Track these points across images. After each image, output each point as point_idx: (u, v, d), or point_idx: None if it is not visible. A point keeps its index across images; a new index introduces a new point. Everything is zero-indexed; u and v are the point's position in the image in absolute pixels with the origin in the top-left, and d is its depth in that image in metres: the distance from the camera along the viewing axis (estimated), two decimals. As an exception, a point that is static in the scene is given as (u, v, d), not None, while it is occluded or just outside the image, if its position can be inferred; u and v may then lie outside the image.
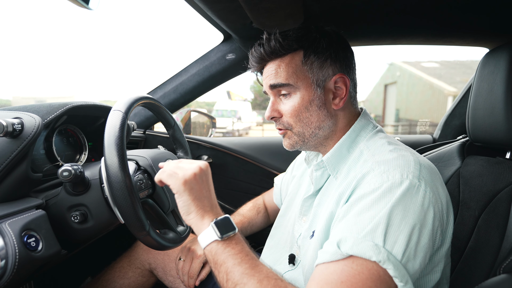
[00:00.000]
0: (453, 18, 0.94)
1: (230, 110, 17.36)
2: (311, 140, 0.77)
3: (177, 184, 0.64)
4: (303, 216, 0.83)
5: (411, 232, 0.55)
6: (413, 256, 0.55)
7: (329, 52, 0.73)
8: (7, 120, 0.66)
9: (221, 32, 1.26)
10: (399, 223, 0.55)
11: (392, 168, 0.61)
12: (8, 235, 0.59)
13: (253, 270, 0.59)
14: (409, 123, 15.87)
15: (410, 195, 0.57)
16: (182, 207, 0.65)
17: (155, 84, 1.44)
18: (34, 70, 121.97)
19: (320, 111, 0.74)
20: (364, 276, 0.52)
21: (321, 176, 0.78)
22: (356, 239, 0.55)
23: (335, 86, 0.74)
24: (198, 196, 0.65)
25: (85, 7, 0.63)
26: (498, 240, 0.73)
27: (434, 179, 0.63)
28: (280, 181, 1.13)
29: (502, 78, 0.80)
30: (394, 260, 0.53)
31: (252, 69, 0.82)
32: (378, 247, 0.53)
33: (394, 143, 0.71)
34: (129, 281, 1.09)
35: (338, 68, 0.74)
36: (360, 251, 0.54)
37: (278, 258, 0.88)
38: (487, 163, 0.86)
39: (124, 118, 0.68)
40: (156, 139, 1.49)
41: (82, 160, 1.05)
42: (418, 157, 0.66)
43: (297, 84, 0.73)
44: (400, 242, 0.54)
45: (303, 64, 0.73)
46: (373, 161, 0.66)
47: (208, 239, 0.63)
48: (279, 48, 0.73)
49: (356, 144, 0.75)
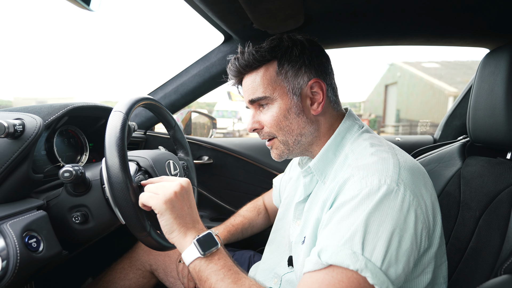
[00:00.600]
0: (454, 19, 0.94)
1: (231, 111, 17.35)
2: (296, 147, 0.78)
3: (158, 204, 0.65)
4: (296, 220, 0.83)
5: (390, 237, 0.55)
6: (394, 261, 0.55)
7: (303, 59, 0.74)
8: (8, 121, 0.66)
9: (222, 33, 1.26)
10: (376, 229, 0.55)
11: (370, 173, 0.61)
12: (9, 236, 0.59)
13: (235, 284, 0.60)
14: (409, 124, 15.86)
15: (387, 200, 0.57)
16: (164, 226, 0.66)
17: (155, 85, 1.45)
18: (35, 71, 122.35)
19: (299, 118, 0.75)
20: (344, 284, 0.53)
21: (310, 182, 0.79)
22: (335, 248, 0.55)
23: (311, 92, 0.75)
24: (179, 214, 0.66)
25: (86, 8, 0.64)
26: (499, 241, 0.73)
27: (416, 181, 0.62)
28: (279, 182, 1.14)
29: (502, 79, 0.80)
30: (372, 268, 0.53)
31: (232, 82, 0.83)
32: (356, 255, 0.53)
33: (376, 144, 0.70)
34: (130, 282, 1.09)
35: (313, 74, 0.75)
36: (339, 260, 0.54)
37: (279, 261, 0.88)
38: (488, 163, 0.86)
39: (125, 119, 0.69)
40: (156, 140, 1.49)
41: (83, 161, 1.05)
42: (400, 159, 0.65)
43: (274, 95, 0.74)
44: (378, 248, 0.54)
45: (278, 74, 0.74)
46: (353, 166, 0.66)
47: (191, 257, 0.64)
48: (253, 60, 0.74)
49: (342, 147, 0.75)
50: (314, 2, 0.84)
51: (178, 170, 0.92)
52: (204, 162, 1.52)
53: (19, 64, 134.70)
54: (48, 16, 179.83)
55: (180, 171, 0.93)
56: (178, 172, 0.91)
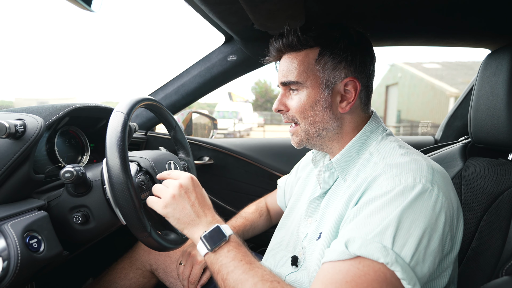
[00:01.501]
0: (455, 20, 0.94)
1: (232, 111, 17.37)
2: (315, 139, 0.77)
3: (160, 209, 0.70)
4: (308, 217, 0.82)
5: (421, 235, 0.55)
6: (422, 260, 0.55)
7: (346, 54, 0.72)
8: (9, 122, 0.66)
9: (223, 34, 1.26)
10: (409, 226, 0.55)
11: (405, 171, 0.61)
12: (10, 236, 0.59)
13: (247, 274, 0.61)
14: (410, 124, 15.83)
15: (422, 199, 0.57)
16: (175, 226, 0.71)
17: (156, 86, 1.44)
18: (36, 72, 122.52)
19: (325, 112, 0.74)
20: (370, 277, 0.52)
21: (330, 178, 0.78)
22: (364, 240, 0.55)
23: (344, 89, 0.73)
24: (182, 214, 0.69)
25: (87, 9, 0.64)
26: (500, 242, 0.73)
27: (446, 184, 0.62)
28: (284, 183, 1.13)
29: (504, 79, 0.80)
30: (402, 263, 0.53)
31: (271, 58, 0.81)
32: (386, 249, 0.53)
33: (405, 147, 0.71)
34: (130, 282, 1.09)
35: (351, 72, 0.73)
36: (368, 252, 0.54)
37: (280, 259, 0.88)
38: (489, 164, 0.86)
39: (126, 120, 0.69)
40: (157, 141, 1.49)
41: (84, 161, 1.05)
42: (430, 162, 0.65)
43: (306, 83, 0.73)
44: (409, 245, 0.54)
45: (316, 63, 0.73)
46: (384, 164, 0.65)
47: (202, 252, 0.67)
48: (296, 42, 0.72)
49: (365, 146, 0.74)
50: (315, 3, 0.84)
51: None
52: (204, 162, 1.52)
53: (20, 65, 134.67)
54: (49, 16, 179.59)
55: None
56: (178, 172, 0.91)
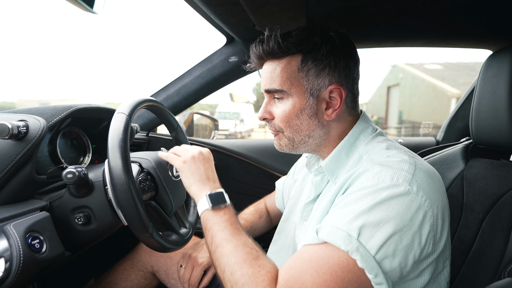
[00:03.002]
0: (456, 20, 0.94)
1: (233, 112, 17.36)
2: (301, 146, 0.77)
3: (178, 163, 0.78)
4: (303, 221, 0.82)
5: (391, 231, 0.56)
6: (391, 254, 0.56)
7: (329, 60, 0.70)
8: (12, 123, 0.67)
9: (224, 35, 1.27)
10: (378, 220, 0.57)
11: (385, 170, 0.62)
12: (13, 237, 0.59)
13: (232, 236, 0.67)
14: (412, 125, 15.79)
15: (396, 197, 0.58)
16: (184, 182, 0.77)
17: (158, 87, 1.45)
18: (38, 73, 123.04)
19: (310, 120, 0.73)
20: (333, 261, 0.56)
21: (321, 181, 0.78)
22: (332, 228, 0.59)
23: (329, 96, 0.72)
24: (196, 172, 0.76)
25: (89, 10, 0.64)
26: (502, 243, 0.72)
27: (431, 184, 0.63)
28: (282, 185, 1.13)
29: (505, 80, 0.80)
30: (364, 253, 0.55)
31: (253, 65, 0.80)
32: (350, 238, 0.56)
33: (394, 147, 0.70)
34: (131, 284, 1.10)
35: (335, 78, 0.71)
36: (333, 239, 0.57)
37: (281, 262, 0.88)
38: (491, 165, 0.85)
39: (128, 121, 0.69)
40: (159, 141, 1.49)
41: (86, 162, 1.06)
42: (416, 161, 0.65)
43: (290, 91, 0.72)
44: (376, 238, 0.56)
45: (299, 71, 0.71)
46: (370, 162, 0.67)
47: (202, 208, 0.73)
48: (277, 49, 0.71)
49: (355, 148, 0.74)
50: (316, 4, 0.84)
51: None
52: (206, 163, 1.52)
53: (22, 66, 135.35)
54: (51, 18, 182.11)
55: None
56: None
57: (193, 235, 0.92)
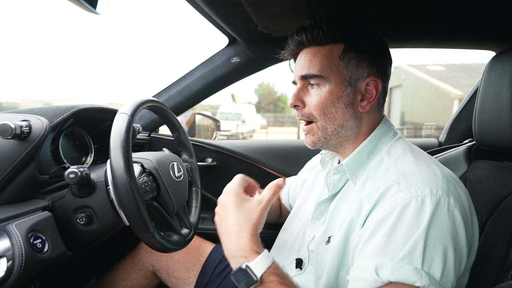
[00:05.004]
0: (459, 22, 0.93)
1: (235, 113, 17.37)
2: (333, 138, 0.75)
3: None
4: (315, 220, 0.80)
5: (446, 250, 0.54)
6: (451, 273, 0.54)
7: (370, 53, 0.71)
8: (15, 123, 0.67)
9: (226, 36, 1.27)
10: (434, 242, 0.54)
11: (420, 182, 0.59)
12: (15, 236, 0.60)
13: None
14: (414, 127, 15.75)
15: (442, 212, 0.56)
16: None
17: (160, 87, 1.45)
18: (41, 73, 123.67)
19: (346, 110, 0.72)
20: None
21: (339, 180, 0.76)
22: (394, 264, 0.53)
23: (365, 88, 0.73)
24: (220, 227, 0.68)
25: (92, 11, 0.64)
26: (505, 246, 0.72)
27: (459, 192, 0.61)
28: (289, 183, 1.13)
29: (509, 82, 0.80)
30: (434, 282, 0.52)
31: (287, 53, 0.79)
32: (418, 271, 0.52)
33: (417, 152, 0.70)
34: (132, 283, 1.10)
35: (373, 72, 0.73)
36: (402, 277, 0.52)
37: (283, 261, 0.87)
38: (494, 167, 0.85)
39: (130, 121, 0.69)
40: (161, 142, 1.49)
41: (88, 162, 1.06)
42: (443, 169, 0.64)
43: (329, 78, 0.71)
44: (436, 262, 0.53)
45: (340, 59, 0.71)
46: (397, 172, 0.64)
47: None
48: (322, 36, 0.71)
49: (376, 150, 0.73)
50: (318, 5, 0.84)
51: (182, 172, 0.92)
52: (208, 164, 1.52)
53: (25, 66, 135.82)
54: (54, 18, 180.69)
55: (184, 173, 0.94)
56: (182, 174, 0.92)
57: (194, 236, 0.92)
